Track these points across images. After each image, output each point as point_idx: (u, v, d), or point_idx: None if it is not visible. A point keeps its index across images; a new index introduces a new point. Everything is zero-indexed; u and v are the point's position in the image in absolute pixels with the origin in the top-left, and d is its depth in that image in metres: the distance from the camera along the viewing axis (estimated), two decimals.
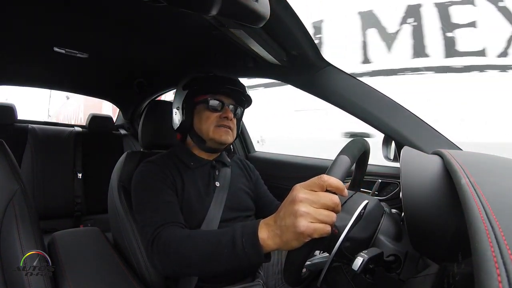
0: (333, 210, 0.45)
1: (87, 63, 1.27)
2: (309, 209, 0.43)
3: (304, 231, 0.43)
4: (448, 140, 0.80)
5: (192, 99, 0.88)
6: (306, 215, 0.43)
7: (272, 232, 0.48)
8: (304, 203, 0.44)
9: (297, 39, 0.76)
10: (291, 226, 0.44)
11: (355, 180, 0.74)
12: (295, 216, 0.44)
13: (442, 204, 0.43)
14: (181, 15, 0.79)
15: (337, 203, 0.44)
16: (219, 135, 0.86)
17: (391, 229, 0.59)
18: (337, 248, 0.50)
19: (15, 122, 1.74)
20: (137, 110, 1.87)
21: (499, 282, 0.19)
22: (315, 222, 0.43)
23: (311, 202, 0.44)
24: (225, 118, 0.86)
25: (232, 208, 0.87)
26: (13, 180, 0.74)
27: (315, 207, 0.44)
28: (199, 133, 0.88)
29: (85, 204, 1.77)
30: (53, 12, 0.83)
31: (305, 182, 0.47)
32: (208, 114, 0.87)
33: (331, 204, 0.44)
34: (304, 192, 0.45)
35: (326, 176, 0.44)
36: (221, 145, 0.90)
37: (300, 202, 0.44)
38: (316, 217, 0.43)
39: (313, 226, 0.43)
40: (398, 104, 0.84)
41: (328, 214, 0.44)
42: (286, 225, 0.45)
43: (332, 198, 0.44)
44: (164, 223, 0.69)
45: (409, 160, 0.50)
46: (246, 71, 1.07)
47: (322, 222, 0.44)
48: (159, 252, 0.65)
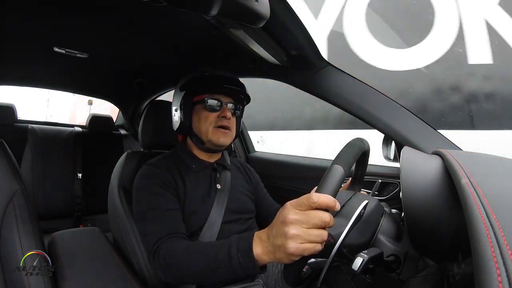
0: (324, 228, 0.45)
1: (87, 63, 1.27)
2: (299, 231, 0.44)
3: (294, 252, 0.44)
4: (448, 140, 0.80)
5: (190, 100, 0.88)
6: (295, 237, 0.44)
7: (265, 249, 0.50)
8: (294, 225, 0.44)
9: (297, 39, 0.76)
10: (282, 247, 0.45)
11: (355, 179, 0.74)
12: (285, 237, 0.45)
13: (442, 204, 0.43)
14: (181, 15, 0.79)
15: (328, 222, 0.44)
16: (217, 137, 0.86)
17: (391, 229, 0.59)
18: (337, 249, 0.50)
19: (15, 122, 1.74)
20: (137, 110, 1.87)
21: (499, 282, 0.19)
22: (305, 242, 0.44)
23: (301, 223, 0.44)
24: (224, 117, 0.86)
25: (233, 211, 0.87)
26: (13, 180, 0.74)
27: (305, 228, 0.44)
28: (198, 134, 0.88)
29: (85, 204, 1.77)
30: (53, 12, 0.83)
31: (296, 201, 0.46)
32: (207, 114, 0.86)
33: (321, 224, 0.44)
34: (294, 212, 0.45)
35: (315, 196, 0.44)
36: (219, 147, 0.90)
37: (290, 223, 0.45)
38: (306, 238, 0.44)
39: (302, 247, 0.44)
40: (398, 104, 0.84)
41: (318, 234, 0.44)
42: (277, 245, 0.47)
43: (322, 218, 0.44)
44: (164, 235, 0.71)
45: (409, 160, 0.51)
46: (246, 71, 1.07)
47: (312, 242, 0.44)
48: (161, 265, 0.67)
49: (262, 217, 0.99)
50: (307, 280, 0.57)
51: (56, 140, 1.79)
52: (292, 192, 1.29)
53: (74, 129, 1.93)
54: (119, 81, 1.61)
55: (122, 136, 2.06)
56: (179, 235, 0.72)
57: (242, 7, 0.47)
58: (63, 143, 1.80)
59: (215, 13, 0.46)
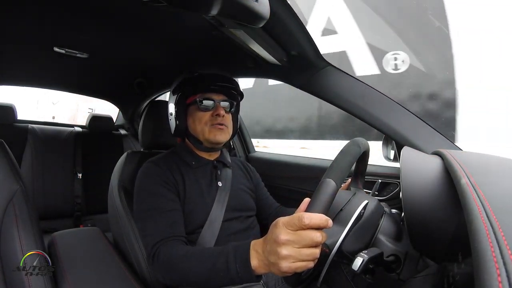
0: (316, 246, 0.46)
1: (87, 63, 1.27)
2: (290, 252, 0.45)
3: (287, 271, 0.46)
4: (448, 140, 0.80)
5: (183, 102, 0.89)
6: (288, 257, 0.45)
7: (261, 262, 0.52)
8: (286, 245, 0.45)
9: (297, 39, 0.76)
10: (276, 264, 0.47)
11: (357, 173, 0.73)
12: (278, 257, 0.46)
13: (442, 204, 0.43)
14: (181, 15, 0.79)
15: (319, 242, 0.45)
16: (213, 135, 0.86)
17: (391, 229, 0.59)
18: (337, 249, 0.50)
19: (15, 122, 1.74)
20: (137, 110, 1.87)
21: (499, 282, 0.19)
22: (297, 261, 0.46)
23: (293, 243, 0.45)
24: (217, 116, 0.86)
25: (234, 208, 0.87)
26: (13, 180, 0.74)
27: (296, 248, 0.45)
28: (195, 135, 0.88)
29: (85, 204, 1.77)
30: (53, 12, 0.83)
31: (287, 220, 0.47)
32: (201, 115, 0.86)
33: (313, 244, 0.45)
34: (285, 233, 0.46)
35: (307, 218, 0.44)
36: (217, 145, 0.90)
37: (282, 244, 0.46)
38: (297, 257, 0.45)
39: (294, 266, 0.46)
40: (398, 104, 0.84)
41: (310, 253, 0.45)
42: (271, 262, 0.48)
43: (313, 238, 0.45)
44: (163, 237, 0.72)
45: (409, 160, 0.51)
46: (246, 71, 1.07)
47: (305, 260, 0.46)
48: (160, 268, 0.69)
49: (262, 216, 0.99)
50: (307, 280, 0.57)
51: (56, 140, 1.79)
52: (292, 192, 1.29)
53: (74, 129, 1.93)
54: (119, 81, 1.61)
55: (122, 136, 2.06)
56: (178, 238, 0.73)
57: (242, 7, 0.47)
58: (63, 143, 1.80)
59: (215, 13, 0.46)
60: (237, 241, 0.82)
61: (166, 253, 0.68)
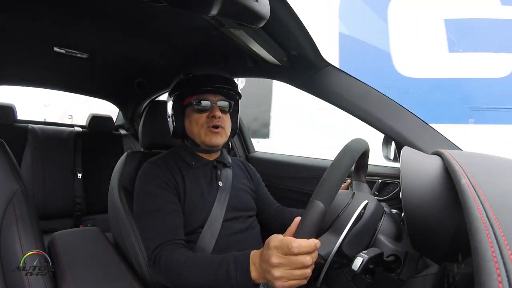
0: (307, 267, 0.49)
1: (87, 63, 1.27)
2: (283, 273, 0.49)
3: None
4: (448, 140, 0.80)
5: (180, 104, 0.88)
6: (280, 278, 0.49)
7: (260, 274, 0.55)
8: (278, 268, 0.49)
9: (297, 39, 0.76)
10: (271, 282, 0.51)
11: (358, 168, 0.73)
12: (272, 277, 0.50)
13: (442, 204, 0.43)
14: (181, 15, 0.79)
15: (309, 265, 0.48)
16: (209, 138, 0.85)
17: (391, 229, 0.59)
18: (337, 249, 0.50)
19: (15, 122, 1.74)
20: (137, 110, 1.87)
21: (499, 282, 0.19)
22: (290, 280, 0.49)
23: (284, 265, 0.49)
24: (213, 117, 0.84)
25: (235, 208, 0.87)
26: (13, 180, 0.74)
27: (288, 269, 0.49)
28: (192, 137, 0.88)
29: (85, 204, 1.77)
30: (53, 12, 0.83)
31: (278, 244, 0.49)
32: (197, 116, 0.86)
33: (303, 266, 0.48)
34: (277, 256, 0.49)
35: (295, 247, 0.47)
36: (214, 148, 0.90)
37: (274, 267, 0.49)
38: (289, 277, 0.49)
39: (288, 284, 0.49)
40: (398, 104, 0.84)
41: (301, 273, 0.49)
42: (267, 279, 0.52)
43: (303, 262, 0.47)
44: (164, 241, 0.72)
45: (409, 160, 0.51)
46: (246, 71, 1.07)
47: (297, 279, 0.49)
48: (160, 272, 0.70)
49: (262, 216, 0.99)
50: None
51: (56, 140, 1.79)
52: (292, 192, 1.29)
53: (74, 129, 1.93)
54: (119, 81, 1.61)
55: (122, 136, 2.06)
56: (178, 242, 0.74)
57: (242, 7, 0.47)
58: (63, 143, 1.80)
59: (215, 13, 0.46)
60: (237, 241, 0.83)
61: (167, 258, 0.69)
